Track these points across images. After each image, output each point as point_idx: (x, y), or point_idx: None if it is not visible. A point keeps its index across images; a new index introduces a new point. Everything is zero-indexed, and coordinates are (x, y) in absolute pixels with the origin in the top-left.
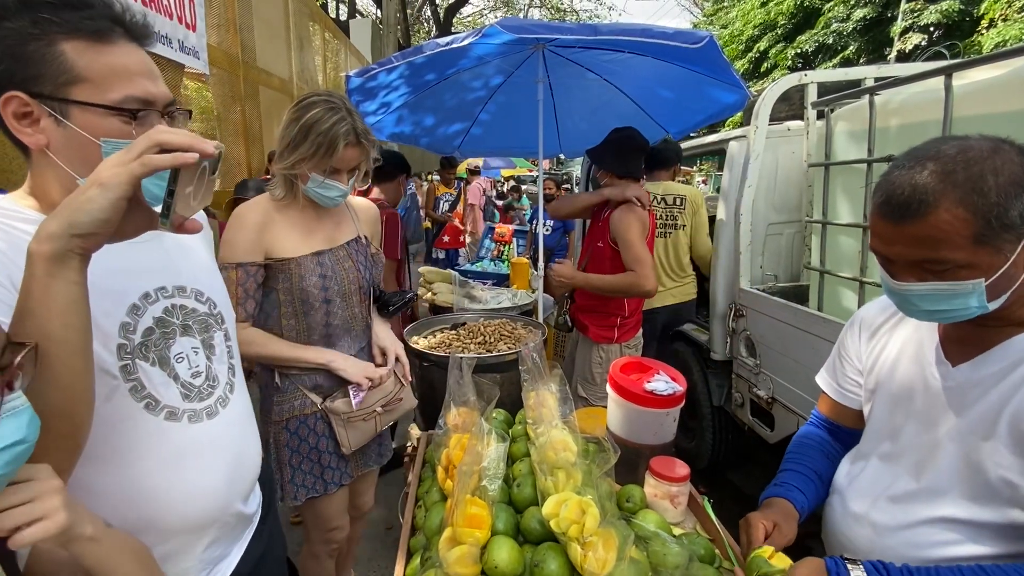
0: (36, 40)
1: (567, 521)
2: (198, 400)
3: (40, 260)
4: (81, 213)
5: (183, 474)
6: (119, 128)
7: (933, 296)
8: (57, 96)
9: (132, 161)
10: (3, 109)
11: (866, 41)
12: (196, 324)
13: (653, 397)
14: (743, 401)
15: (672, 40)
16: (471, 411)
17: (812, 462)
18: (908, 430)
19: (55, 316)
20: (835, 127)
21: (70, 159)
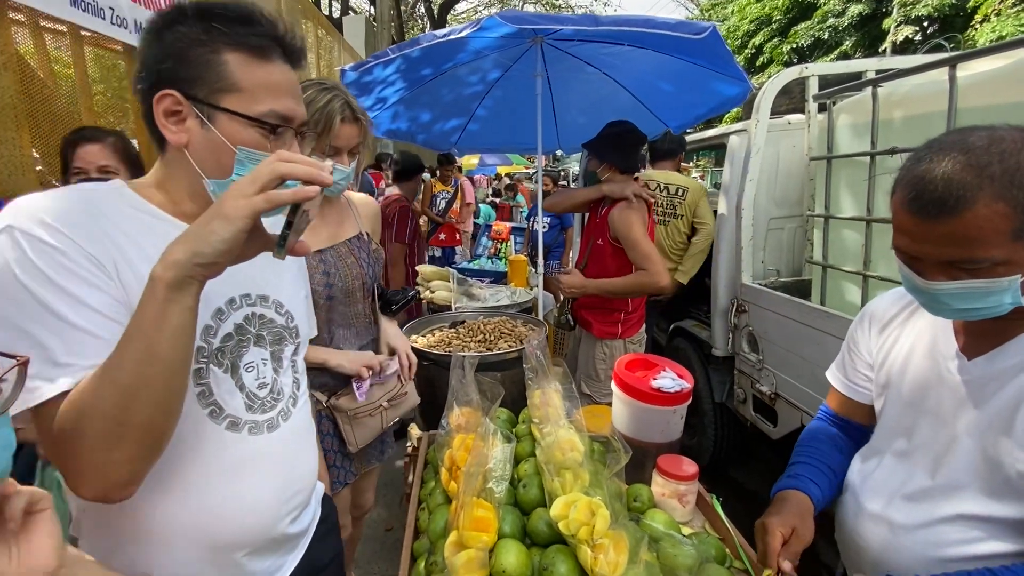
0: (203, 46)
1: (577, 523)
2: (260, 412)
3: (161, 285)
4: (205, 244)
5: (237, 487)
6: (256, 139)
7: (967, 295)
8: (208, 101)
9: (255, 195)
10: (156, 104)
11: (862, 36)
12: (270, 335)
13: (660, 394)
14: (745, 397)
15: (674, 31)
16: (474, 411)
17: (824, 455)
18: (923, 426)
19: (165, 339)
20: (837, 120)
21: (203, 160)
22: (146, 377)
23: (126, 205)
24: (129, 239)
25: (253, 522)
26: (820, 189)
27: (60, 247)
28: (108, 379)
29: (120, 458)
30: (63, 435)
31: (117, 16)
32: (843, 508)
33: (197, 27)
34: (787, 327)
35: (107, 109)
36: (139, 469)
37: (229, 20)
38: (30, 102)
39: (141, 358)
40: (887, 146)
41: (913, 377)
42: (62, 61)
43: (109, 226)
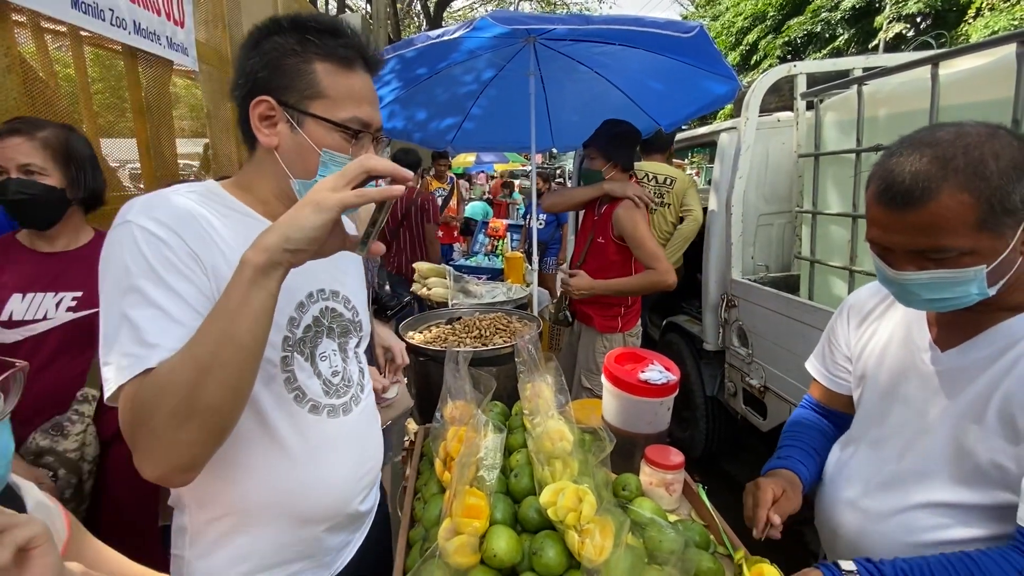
0: (296, 56)
1: (564, 509)
2: (335, 397)
3: (249, 267)
4: (295, 229)
5: (319, 466)
6: (339, 143)
7: (934, 284)
8: (298, 107)
9: (345, 187)
10: (252, 109)
11: (855, 31)
12: (339, 328)
13: (647, 387)
14: (736, 390)
15: (663, 29)
16: (468, 404)
17: (810, 439)
18: (896, 414)
19: (245, 322)
20: (824, 117)
21: (291, 161)
22: (221, 357)
23: (221, 205)
24: (224, 237)
25: (332, 499)
26: (808, 186)
27: (167, 240)
28: (187, 355)
29: (185, 439)
30: (139, 411)
31: (116, 17)
32: (820, 495)
33: (292, 38)
34: (776, 321)
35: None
36: (200, 454)
37: (320, 32)
38: (32, 104)
39: (220, 337)
40: (872, 143)
41: (889, 368)
42: (62, 62)
43: (208, 225)
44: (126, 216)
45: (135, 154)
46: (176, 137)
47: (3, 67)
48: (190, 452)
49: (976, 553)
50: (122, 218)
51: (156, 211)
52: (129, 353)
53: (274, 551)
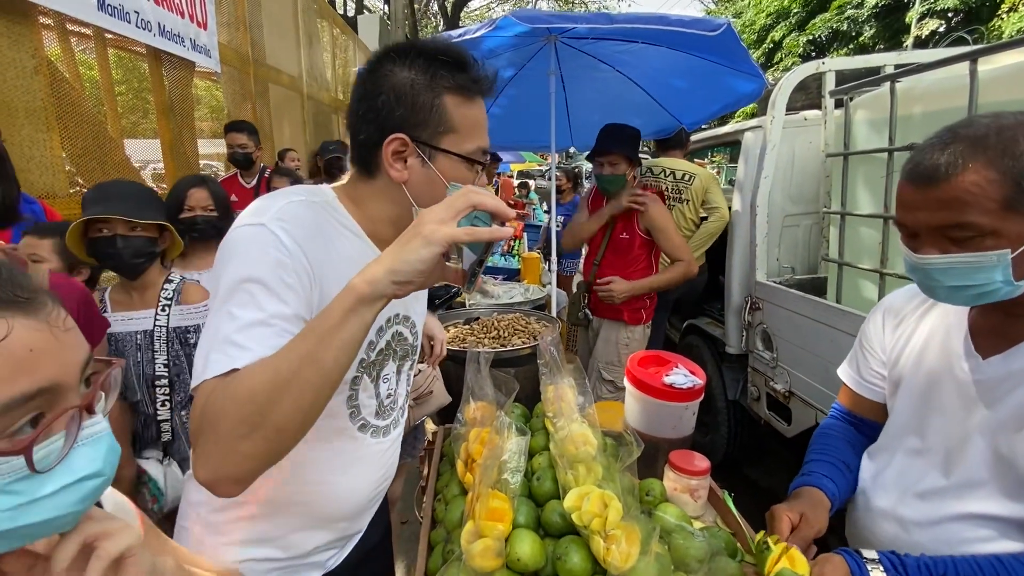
0: (429, 92)
1: (589, 514)
2: (383, 419)
3: (353, 295)
4: (403, 263)
5: (349, 479)
6: (466, 174)
7: (956, 270)
8: (431, 143)
9: (452, 220)
10: (387, 146)
11: (882, 27)
12: (401, 351)
13: (672, 391)
14: (759, 395)
15: (689, 28)
16: (489, 405)
17: (839, 452)
18: (935, 424)
19: (333, 347)
20: (854, 116)
21: (419, 194)
22: (302, 376)
23: (336, 221)
24: (336, 253)
25: (351, 506)
26: (837, 186)
27: (292, 252)
28: (269, 367)
29: (245, 450)
30: (210, 412)
31: (142, 19)
32: (852, 506)
33: (424, 74)
34: (802, 325)
35: (130, 109)
36: (255, 468)
37: (451, 66)
38: (59, 104)
39: (305, 357)
40: (905, 142)
41: (926, 375)
42: (87, 64)
43: (328, 241)
44: (260, 218)
45: (158, 154)
46: (197, 138)
47: (30, 69)
48: (247, 464)
49: (1008, 558)
50: (256, 219)
51: (290, 222)
52: (222, 350)
53: (286, 545)
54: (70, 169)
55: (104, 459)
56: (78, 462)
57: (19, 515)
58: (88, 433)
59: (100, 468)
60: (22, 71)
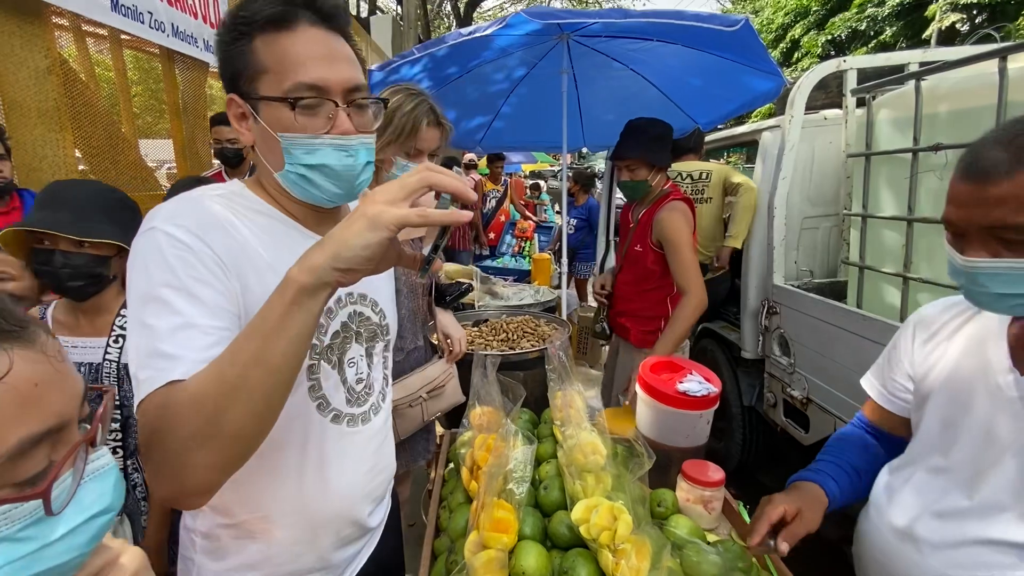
0: (238, 40)
1: (598, 527)
2: (357, 406)
3: (293, 287)
4: (346, 248)
5: (332, 475)
6: (290, 121)
7: (1005, 276)
8: (248, 92)
9: (404, 201)
10: (229, 113)
11: (903, 26)
12: (367, 332)
13: (686, 398)
14: (776, 401)
15: (706, 23)
16: (495, 410)
17: (850, 456)
18: (965, 443)
19: (280, 344)
20: (877, 115)
21: (267, 155)
22: (251, 380)
23: (242, 207)
24: (251, 241)
25: (342, 507)
26: (858, 187)
27: (192, 246)
28: (214, 375)
29: (201, 462)
30: (157, 428)
31: (155, 20)
32: (866, 522)
33: (229, 23)
34: (821, 330)
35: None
36: (215, 480)
37: (247, 4)
38: (72, 104)
39: (251, 359)
40: (931, 142)
41: (958, 390)
42: (102, 64)
43: (235, 229)
44: (151, 222)
45: (171, 154)
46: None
47: (43, 68)
48: (206, 477)
49: None
50: (147, 224)
51: (182, 217)
52: (150, 365)
53: (285, 560)
54: (83, 169)
55: (113, 493)
56: (87, 498)
57: (31, 564)
58: (94, 468)
59: (110, 503)
60: (35, 71)
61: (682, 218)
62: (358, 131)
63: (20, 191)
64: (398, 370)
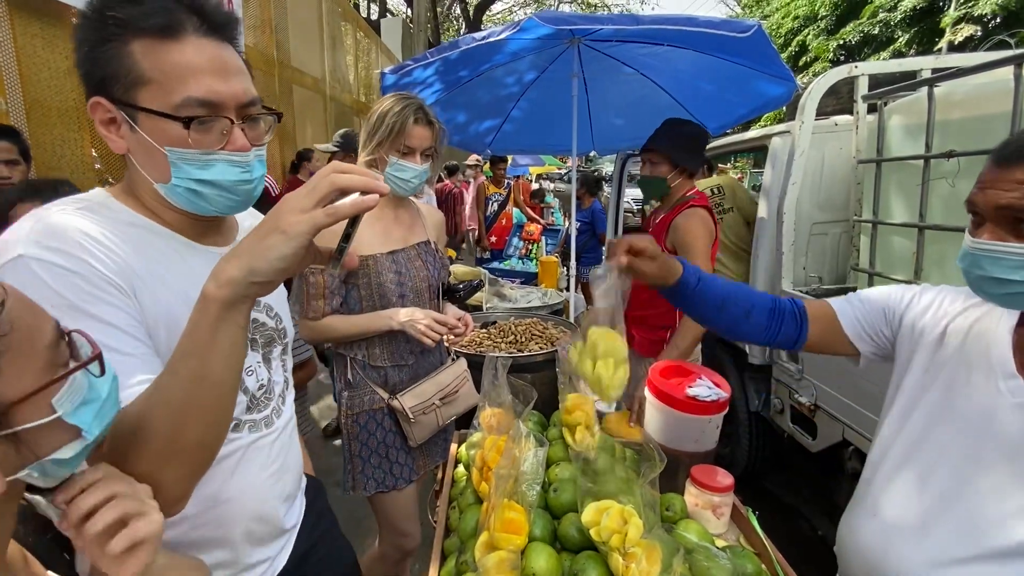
0: (109, 41)
1: (608, 530)
2: (258, 411)
3: (215, 305)
4: (262, 261)
5: (236, 478)
6: (181, 136)
7: (1005, 260)
8: (125, 100)
9: (313, 208)
10: (92, 114)
11: (916, 32)
12: (262, 338)
13: (695, 403)
14: (783, 407)
15: (718, 29)
16: (506, 412)
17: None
18: (954, 443)
19: (217, 359)
20: (889, 121)
21: (147, 166)
22: (198, 397)
23: (115, 220)
24: (133, 255)
25: (250, 509)
26: (868, 193)
27: (76, 271)
28: (160, 400)
29: (172, 477)
30: (116, 458)
31: None
32: (850, 518)
33: (97, 21)
34: None
35: None
36: (189, 487)
37: (121, 3)
38: None
39: (193, 378)
40: (943, 149)
41: (952, 390)
42: None
43: (112, 243)
44: (14, 250)
45: None
46: None
47: (64, 69)
48: (180, 486)
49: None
50: (10, 253)
51: (51, 239)
52: None
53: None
54: (100, 168)
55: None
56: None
57: (103, 414)
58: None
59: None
60: (55, 72)
61: (700, 225)
62: (252, 145)
63: None
64: (411, 374)
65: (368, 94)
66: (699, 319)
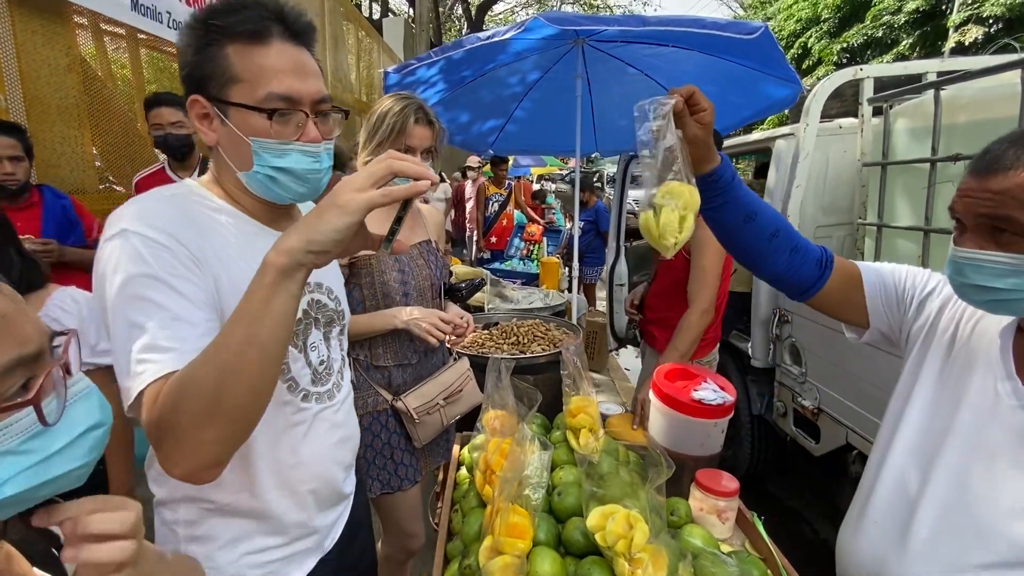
0: (209, 46)
1: (614, 535)
2: (321, 384)
3: (272, 270)
4: (318, 232)
5: (307, 445)
6: (264, 127)
7: (987, 268)
8: (219, 97)
9: (370, 188)
10: (190, 111)
11: (920, 35)
12: (324, 318)
13: (700, 406)
14: (786, 410)
15: (725, 31)
16: (509, 415)
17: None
18: (952, 444)
19: (268, 325)
20: (894, 124)
21: (232, 155)
22: (245, 359)
23: (203, 206)
24: (212, 236)
25: (320, 473)
26: (873, 196)
27: (167, 244)
28: (211, 358)
29: (210, 438)
30: (164, 414)
31: (173, 20)
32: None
33: (199, 29)
34: (834, 339)
35: None
36: (225, 451)
37: (221, 13)
38: (91, 102)
39: (243, 340)
40: (949, 152)
41: (948, 392)
42: (119, 63)
43: (197, 225)
44: (120, 224)
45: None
46: None
47: (63, 66)
48: (217, 450)
49: None
50: (116, 228)
51: (152, 218)
52: (145, 359)
53: (274, 528)
54: (100, 165)
55: (100, 409)
56: (77, 417)
57: (38, 473)
58: (76, 391)
59: (100, 419)
60: (55, 69)
61: None
62: (323, 138)
63: (40, 187)
64: (415, 375)
65: (370, 93)
66: (724, 228)
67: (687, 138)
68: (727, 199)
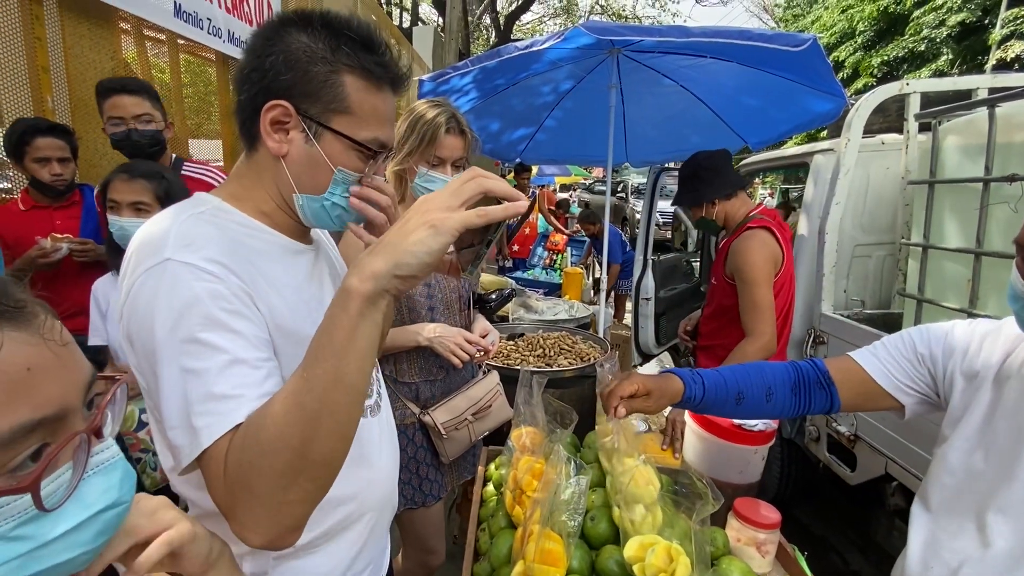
0: (326, 64)
1: (654, 568)
2: (369, 397)
3: (357, 298)
4: (408, 255)
5: (372, 463)
6: (356, 162)
7: None
8: (319, 119)
9: (460, 207)
10: (265, 112)
11: (962, 49)
12: None
13: (741, 432)
14: (819, 435)
15: (772, 43)
16: (539, 432)
17: (744, 374)
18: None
19: (354, 360)
20: (943, 141)
21: (298, 174)
22: (332, 401)
23: (237, 224)
24: (258, 259)
25: (386, 491)
26: (919, 216)
27: (219, 275)
28: (291, 405)
29: (295, 498)
30: (239, 475)
31: (214, 26)
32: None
33: (323, 44)
34: None
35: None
36: (307, 512)
37: (357, 44)
38: None
39: (329, 380)
40: (1003, 172)
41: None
42: (159, 67)
43: (243, 249)
44: (163, 253)
45: (219, 154)
46: None
47: (108, 70)
48: (301, 511)
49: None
50: (156, 256)
51: (198, 244)
52: (207, 411)
53: (349, 559)
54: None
55: (120, 487)
56: (91, 494)
57: (28, 563)
58: (99, 460)
59: (117, 497)
60: (101, 72)
61: (757, 248)
62: None
63: (81, 186)
64: (443, 389)
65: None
66: (722, 415)
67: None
68: (708, 407)
